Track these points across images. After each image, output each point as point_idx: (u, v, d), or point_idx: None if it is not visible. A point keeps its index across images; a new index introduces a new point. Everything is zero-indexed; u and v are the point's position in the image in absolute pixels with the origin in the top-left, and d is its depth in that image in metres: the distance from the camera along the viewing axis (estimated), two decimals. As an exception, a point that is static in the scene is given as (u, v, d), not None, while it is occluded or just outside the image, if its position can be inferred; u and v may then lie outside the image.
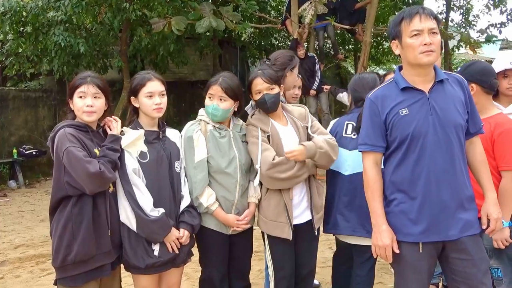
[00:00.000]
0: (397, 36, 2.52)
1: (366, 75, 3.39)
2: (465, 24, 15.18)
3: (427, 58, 2.45)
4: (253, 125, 3.11)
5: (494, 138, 2.89)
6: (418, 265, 2.54)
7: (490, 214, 2.59)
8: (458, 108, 2.54)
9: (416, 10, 2.47)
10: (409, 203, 2.52)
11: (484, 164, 2.67)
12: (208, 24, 7.21)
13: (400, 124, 2.51)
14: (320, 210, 3.17)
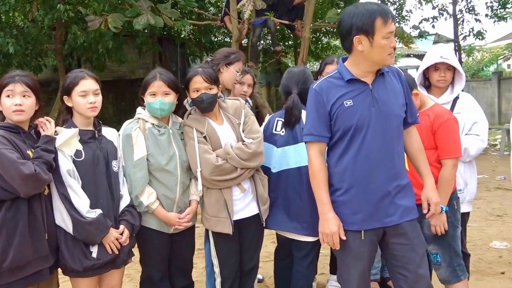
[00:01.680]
0: (367, 33, 2.47)
1: (294, 69, 3.39)
2: (399, 19, 15.64)
3: (392, 60, 2.56)
4: (189, 126, 3.09)
5: (435, 129, 3.01)
6: (360, 252, 2.62)
7: (430, 199, 2.71)
8: (397, 99, 2.63)
9: (388, 10, 2.51)
10: (351, 192, 2.59)
11: (421, 152, 2.78)
12: (145, 21, 7.07)
13: (344, 115, 2.55)
14: (266, 202, 3.18)
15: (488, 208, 6.92)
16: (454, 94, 3.34)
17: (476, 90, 19.80)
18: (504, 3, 15.09)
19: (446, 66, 3.27)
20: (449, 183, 2.99)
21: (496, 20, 15.55)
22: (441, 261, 3.03)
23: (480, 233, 5.71)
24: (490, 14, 15.44)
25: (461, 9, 15.57)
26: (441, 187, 2.95)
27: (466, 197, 3.35)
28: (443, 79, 3.29)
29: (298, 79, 3.25)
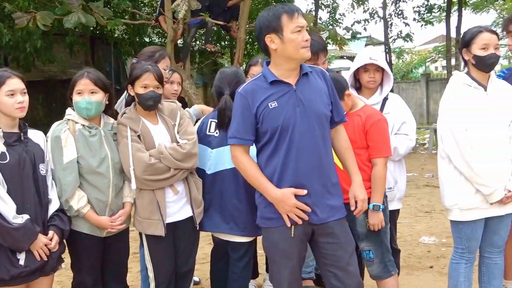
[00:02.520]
0: (276, 31, 2.55)
1: (227, 70, 3.38)
2: (332, 22, 16.02)
3: (308, 54, 2.59)
4: (123, 124, 3.03)
5: (367, 129, 3.07)
6: (289, 251, 2.66)
7: (357, 196, 2.78)
8: (322, 99, 2.68)
9: (295, 7, 2.58)
10: None
11: (349, 150, 2.85)
12: (76, 20, 6.86)
13: (269, 117, 2.58)
14: (200, 205, 3.16)
15: (417, 205, 7.20)
16: (383, 94, 3.45)
17: (406, 91, 20.57)
18: (430, 8, 15.76)
19: (375, 68, 3.37)
20: (383, 181, 3.08)
21: (423, 24, 16.22)
22: (374, 257, 3.10)
23: (410, 229, 5.92)
24: (417, 18, 16.09)
25: (391, 13, 16.15)
26: (376, 186, 3.04)
27: (396, 194, 3.45)
28: (372, 80, 3.38)
29: (230, 80, 3.25)
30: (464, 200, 3.07)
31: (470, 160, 3.00)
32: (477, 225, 3.11)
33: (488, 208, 3.06)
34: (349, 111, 3.10)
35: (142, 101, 3.03)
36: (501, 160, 3.05)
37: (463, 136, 3.02)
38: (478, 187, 3.02)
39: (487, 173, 3.00)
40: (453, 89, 3.15)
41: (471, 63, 3.12)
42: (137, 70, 3.05)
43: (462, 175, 3.06)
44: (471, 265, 3.21)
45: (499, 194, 3.01)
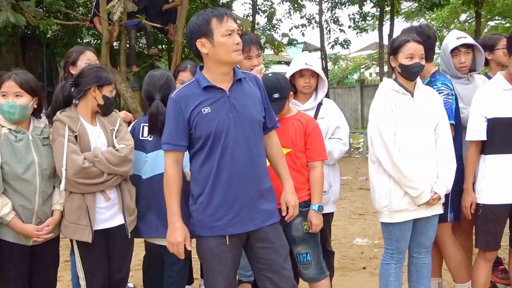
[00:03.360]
0: (206, 35, 2.55)
1: (156, 73, 3.33)
2: (270, 27, 16.16)
3: (239, 57, 2.60)
4: (62, 122, 2.93)
5: (308, 133, 3.13)
6: (224, 257, 2.64)
7: (288, 202, 2.82)
8: (256, 105, 2.69)
9: (224, 11, 2.58)
10: (214, 198, 2.61)
11: (281, 156, 2.88)
12: (5, 19, 6.57)
13: (203, 123, 2.57)
14: (133, 213, 3.11)
15: (351, 207, 7.38)
16: (317, 100, 3.50)
17: (342, 96, 21.09)
18: (364, 16, 16.21)
19: (310, 73, 3.42)
20: (322, 183, 3.16)
21: (358, 31, 16.66)
22: (311, 260, 3.14)
23: (344, 231, 6.06)
24: (352, 25, 16.51)
25: (327, 20, 16.48)
26: (317, 188, 3.11)
27: (330, 198, 3.51)
28: (308, 85, 3.43)
29: (160, 85, 3.22)
30: (393, 203, 3.17)
31: (399, 163, 3.10)
32: (406, 227, 3.22)
33: (416, 210, 3.17)
34: (285, 116, 3.13)
35: (106, 107, 3.07)
36: (427, 163, 3.17)
37: (392, 140, 3.12)
38: (406, 189, 3.13)
39: (414, 176, 3.11)
40: (382, 95, 3.24)
41: (397, 71, 3.24)
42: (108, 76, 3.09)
43: (391, 178, 3.16)
44: (400, 265, 3.32)
45: (426, 196, 3.13)
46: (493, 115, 3.18)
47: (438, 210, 3.27)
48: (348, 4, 15.98)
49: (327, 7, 16.36)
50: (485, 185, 3.23)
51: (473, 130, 3.23)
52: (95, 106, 3.04)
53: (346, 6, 16.03)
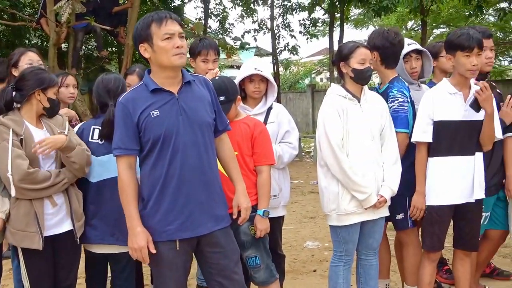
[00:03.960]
0: (147, 40, 2.55)
1: (109, 78, 3.27)
2: (222, 31, 16.17)
3: (180, 60, 2.56)
4: (5, 126, 2.84)
5: (255, 137, 3.15)
6: (174, 262, 2.63)
7: (240, 205, 2.83)
8: (205, 107, 2.69)
9: (165, 14, 2.56)
10: (164, 202, 2.59)
11: (233, 159, 2.89)
12: None
13: (152, 126, 2.55)
14: (81, 218, 3.03)
15: (302, 211, 7.45)
16: (267, 104, 3.54)
17: (293, 101, 21.30)
18: (314, 22, 16.45)
19: (260, 78, 3.45)
20: (270, 187, 3.18)
21: (308, 37, 16.88)
22: (260, 263, 3.16)
23: (296, 235, 6.11)
24: (303, 31, 16.71)
25: (278, 25, 16.62)
26: (264, 192, 3.12)
27: (281, 201, 3.54)
28: (257, 90, 3.46)
29: (114, 90, 3.15)
30: (341, 206, 3.22)
31: (346, 168, 3.16)
32: (353, 229, 3.28)
33: (363, 213, 3.24)
34: (232, 120, 3.14)
35: (51, 108, 3.03)
36: (374, 167, 3.25)
37: (339, 145, 3.18)
38: (353, 193, 3.19)
39: (361, 180, 3.18)
40: (330, 101, 3.30)
41: (349, 76, 3.29)
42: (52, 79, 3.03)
43: (339, 182, 3.22)
44: (349, 267, 3.39)
45: (373, 199, 3.20)
46: (439, 118, 3.27)
47: (384, 212, 3.35)
48: (299, 10, 16.17)
49: (278, 12, 16.51)
50: (430, 187, 3.32)
51: (420, 132, 3.31)
52: (40, 109, 2.97)
53: (297, 12, 16.21)
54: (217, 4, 16.32)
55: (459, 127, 3.26)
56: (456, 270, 3.53)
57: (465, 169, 3.28)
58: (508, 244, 4.93)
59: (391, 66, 3.56)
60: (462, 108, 3.26)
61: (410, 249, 3.61)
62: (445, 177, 3.29)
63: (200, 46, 3.65)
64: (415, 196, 3.37)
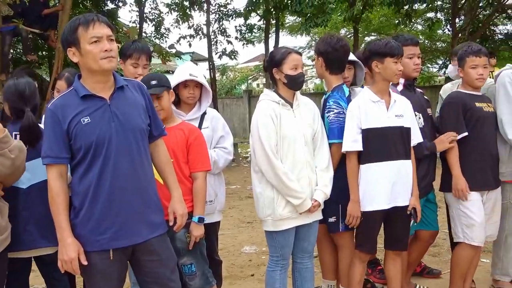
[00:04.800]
0: (74, 44, 2.47)
1: (21, 81, 3.10)
2: (158, 36, 16.01)
3: (109, 64, 2.48)
4: None
5: (191, 142, 3.11)
6: (108, 273, 2.55)
7: (176, 211, 2.77)
8: (139, 113, 2.62)
9: (92, 17, 2.48)
10: (96, 210, 2.50)
11: (168, 164, 2.83)
12: None
13: (83, 133, 2.47)
14: (4, 231, 2.87)
15: (240, 216, 7.46)
16: (202, 110, 3.52)
17: (230, 107, 21.35)
18: (251, 28, 16.58)
19: (194, 84, 3.42)
20: (205, 194, 3.15)
21: (245, 43, 17.00)
22: (196, 270, 3.13)
23: (233, 240, 6.11)
24: (239, 37, 16.81)
25: (215, 31, 16.64)
26: (199, 198, 3.09)
27: (216, 207, 3.53)
28: (192, 95, 3.43)
29: (28, 95, 3.03)
30: (277, 211, 3.23)
31: (281, 174, 3.17)
32: (289, 233, 3.31)
33: (297, 218, 3.27)
34: (168, 125, 3.10)
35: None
36: (307, 172, 3.28)
37: (274, 151, 3.19)
38: (288, 198, 3.21)
39: (296, 185, 3.20)
40: (263, 106, 3.30)
41: (282, 82, 3.32)
42: None
43: (274, 188, 3.23)
44: (285, 271, 3.41)
45: (308, 204, 3.23)
46: (366, 126, 3.36)
47: (318, 216, 3.39)
48: (235, 16, 16.26)
49: (214, 18, 16.53)
50: (363, 193, 3.39)
51: (351, 142, 3.37)
52: None
53: (233, 18, 16.29)
54: (153, 9, 16.15)
55: (385, 134, 3.36)
56: (388, 270, 3.63)
57: (395, 174, 3.37)
58: (437, 243, 5.14)
59: (335, 71, 3.62)
60: (385, 115, 3.37)
61: (345, 252, 3.67)
62: (376, 183, 3.36)
63: (132, 48, 3.54)
64: (350, 204, 3.41)
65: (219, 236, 3.81)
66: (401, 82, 3.75)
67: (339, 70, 3.63)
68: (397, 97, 3.48)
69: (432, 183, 3.89)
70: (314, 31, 22.03)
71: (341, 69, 3.64)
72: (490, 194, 3.72)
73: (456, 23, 15.44)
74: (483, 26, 15.62)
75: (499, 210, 3.80)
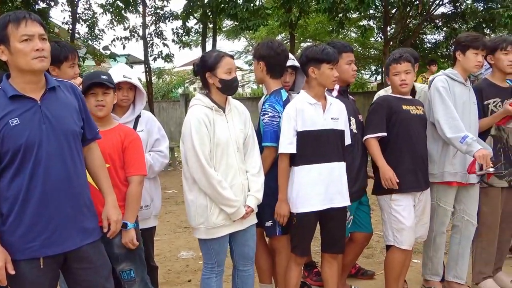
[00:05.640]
0: (3, 42, 2.36)
1: None
2: (92, 37, 15.58)
3: (41, 64, 2.39)
4: None
5: (126, 146, 3.03)
6: (38, 282, 2.45)
7: (110, 217, 2.69)
8: (72, 115, 2.54)
9: (23, 14, 2.38)
10: (27, 217, 2.39)
11: (102, 168, 2.75)
12: None
13: (11, 135, 2.35)
14: None
15: (176, 221, 7.36)
16: (136, 113, 3.44)
17: (167, 110, 21.10)
18: (188, 31, 16.45)
19: (128, 86, 3.35)
20: (139, 200, 3.07)
21: (181, 46, 16.84)
22: (135, 276, 3.05)
23: (170, 245, 6.02)
24: (176, 40, 16.63)
25: (151, 33, 16.38)
26: (133, 204, 3.00)
27: (152, 212, 3.46)
28: (126, 98, 3.35)
29: None
30: (210, 220, 3.17)
31: (214, 182, 3.11)
32: (223, 240, 3.27)
33: (231, 225, 3.23)
34: (104, 128, 3.01)
35: None
36: (240, 178, 3.26)
37: (207, 158, 3.12)
38: (222, 207, 3.15)
39: (230, 194, 3.15)
40: (196, 112, 3.20)
41: (215, 87, 3.24)
42: None
43: (207, 196, 3.16)
44: (220, 278, 3.37)
45: (241, 211, 3.20)
46: (303, 128, 3.40)
47: (253, 220, 3.38)
48: (172, 19, 16.08)
49: (151, 20, 16.27)
50: (297, 194, 3.42)
51: (286, 144, 3.40)
52: None
53: (170, 20, 16.11)
54: (86, 9, 15.70)
55: (321, 136, 3.41)
56: (324, 272, 3.67)
57: (329, 176, 3.42)
58: (371, 245, 5.27)
59: (275, 76, 3.66)
60: (322, 118, 3.43)
61: (282, 256, 3.69)
62: (310, 184, 3.40)
63: (65, 51, 3.41)
64: (278, 203, 3.45)
65: (155, 242, 3.74)
66: (336, 88, 3.82)
67: (279, 75, 3.67)
68: (333, 100, 3.55)
69: (364, 187, 3.98)
70: (252, 36, 22.21)
71: (281, 73, 3.69)
72: (421, 196, 3.84)
73: (388, 31, 15.99)
74: (413, 35, 16.25)
75: (429, 211, 3.94)
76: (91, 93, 2.98)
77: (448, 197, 4.00)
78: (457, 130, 3.73)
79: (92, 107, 2.96)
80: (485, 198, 4.12)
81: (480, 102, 4.06)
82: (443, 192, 3.99)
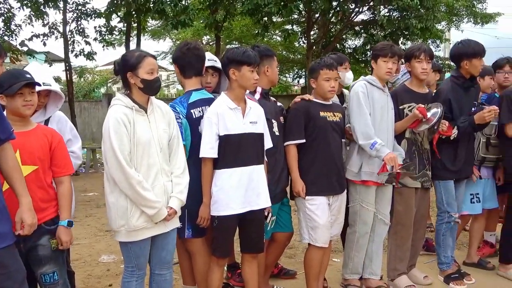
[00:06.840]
0: None
1: None
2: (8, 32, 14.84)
3: None
4: None
5: (54, 147, 2.98)
6: None
7: (24, 221, 2.61)
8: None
9: None
10: None
11: (16, 170, 2.66)
12: None
13: None
14: None
15: (97, 224, 7.17)
16: (47, 115, 3.38)
17: (88, 111, 20.50)
18: (111, 29, 16.04)
19: (45, 93, 3.28)
20: (71, 198, 3.05)
21: (104, 44, 16.39)
22: (59, 279, 2.98)
23: (90, 249, 5.85)
24: (99, 38, 16.18)
25: (72, 30, 15.83)
26: (66, 203, 2.99)
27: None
28: (42, 104, 3.29)
29: None
30: (131, 222, 3.12)
31: (135, 183, 3.05)
32: (145, 243, 3.23)
33: (153, 227, 3.19)
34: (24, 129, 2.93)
35: None
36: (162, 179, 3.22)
37: (127, 159, 3.07)
38: (143, 208, 3.10)
39: (151, 195, 3.11)
40: (115, 112, 3.14)
41: (137, 87, 3.19)
42: None
43: (128, 197, 3.10)
44: (142, 281, 3.33)
45: (163, 213, 3.17)
46: (224, 132, 3.43)
47: (175, 224, 3.36)
48: (95, 16, 15.62)
49: (72, 17, 15.72)
50: (218, 197, 3.45)
51: (208, 148, 3.42)
52: None
53: (93, 18, 15.64)
54: (1, 3, 14.93)
55: (241, 140, 3.47)
56: (245, 272, 3.72)
57: (249, 179, 3.48)
58: (293, 245, 5.39)
59: (188, 75, 3.70)
60: (241, 122, 3.49)
61: (198, 258, 3.71)
62: (230, 188, 3.44)
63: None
64: (202, 207, 3.49)
65: (74, 246, 3.64)
66: (258, 91, 3.89)
67: (192, 74, 3.71)
68: (252, 104, 3.61)
69: (285, 188, 4.09)
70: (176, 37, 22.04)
71: (194, 73, 3.71)
72: (336, 197, 4.01)
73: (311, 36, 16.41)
74: (334, 40, 16.77)
75: (344, 211, 4.11)
76: (18, 93, 2.86)
77: (369, 198, 4.18)
78: (368, 137, 3.98)
79: (20, 106, 2.88)
80: (399, 198, 4.34)
81: (396, 107, 4.30)
82: (365, 193, 4.17)
